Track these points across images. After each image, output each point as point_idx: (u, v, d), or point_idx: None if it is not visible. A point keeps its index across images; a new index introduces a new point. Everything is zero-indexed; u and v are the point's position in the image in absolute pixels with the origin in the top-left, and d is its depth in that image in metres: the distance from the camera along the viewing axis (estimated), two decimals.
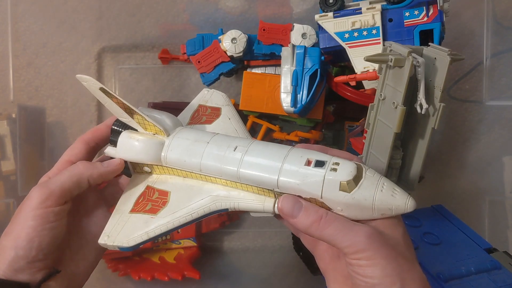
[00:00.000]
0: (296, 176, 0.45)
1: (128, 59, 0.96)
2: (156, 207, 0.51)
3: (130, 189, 0.54)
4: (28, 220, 0.49)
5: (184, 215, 0.49)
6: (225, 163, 0.49)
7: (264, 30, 0.80)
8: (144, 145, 0.53)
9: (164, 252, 0.86)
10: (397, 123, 0.62)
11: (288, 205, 0.46)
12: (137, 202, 0.52)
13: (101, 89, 0.51)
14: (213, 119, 0.60)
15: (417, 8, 0.72)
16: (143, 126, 0.53)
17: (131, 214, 0.51)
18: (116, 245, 0.49)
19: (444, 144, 0.89)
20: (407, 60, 0.59)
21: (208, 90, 0.64)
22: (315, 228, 0.44)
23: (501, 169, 0.86)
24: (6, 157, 0.86)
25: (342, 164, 0.44)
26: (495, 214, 0.86)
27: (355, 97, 0.76)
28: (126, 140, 0.54)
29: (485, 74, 0.84)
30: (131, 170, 0.56)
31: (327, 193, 0.44)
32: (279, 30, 0.80)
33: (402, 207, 0.43)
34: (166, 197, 0.52)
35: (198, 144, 0.51)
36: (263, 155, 0.48)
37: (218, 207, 0.49)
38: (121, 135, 0.54)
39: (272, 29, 0.80)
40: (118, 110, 0.53)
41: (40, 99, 0.95)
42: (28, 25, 0.94)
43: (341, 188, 0.43)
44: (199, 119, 0.60)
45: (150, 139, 0.53)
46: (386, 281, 0.41)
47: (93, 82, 0.51)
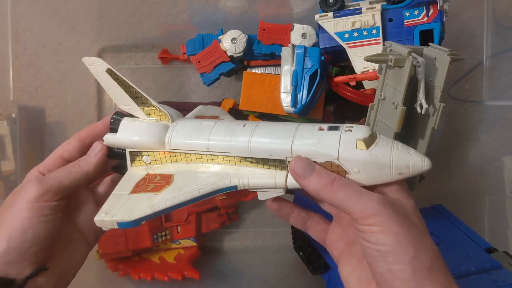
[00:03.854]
0: (312, 138, 0.45)
1: (128, 59, 0.96)
2: (159, 187, 0.49)
3: (127, 177, 0.52)
4: (24, 212, 0.49)
5: (191, 190, 0.47)
6: (235, 136, 0.48)
7: (264, 30, 0.80)
8: (149, 126, 0.51)
9: (164, 252, 0.86)
10: (397, 123, 0.62)
11: (301, 166, 0.45)
12: (137, 185, 0.50)
13: (108, 70, 0.50)
14: None
15: (417, 8, 0.72)
16: (146, 112, 0.52)
17: (132, 195, 0.49)
18: (115, 220, 0.46)
19: (444, 144, 0.89)
20: (407, 60, 0.59)
21: (203, 106, 0.63)
22: (327, 191, 0.44)
23: (501, 169, 0.86)
24: (6, 157, 0.86)
25: (355, 127, 0.45)
26: (495, 214, 0.86)
27: (355, 97, 0.76)
28: (129, 123, 0.53)
29: (485, 74, 0.84)
30: (129, 162, 0.54)
31: (344, 152, 0.43)
32: (279, 30, 0.80)
33: (419, 164, 0.43)
34: (170, 178, 0.50)
35: (205, 124, 0.50)
36: (274, 127, 0.48)
37: (227, 184, 0.48)
38: (124, 118, 0.53)
39: (272, 29, 0.80)
40: (123, 95, 0.52)
41: (40, 99, 0.95)
42: (28, 25, 0.94)
43: (358, 146, 0.43)
44: None
45: (154, 122, 0.52)
46: (399, 249, 0.40)
47: (100, 63, 0.50)
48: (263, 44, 0.81)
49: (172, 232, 0.86)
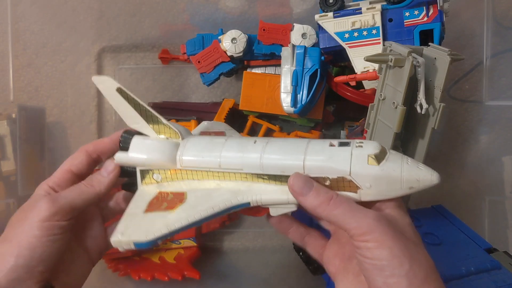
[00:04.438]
0: (323, 154, 0.45)
1: (128, 59, 0.96)
2: (173, 205, 0.49)
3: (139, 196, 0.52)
4: (34, 230, 0.49)
5: (205, 208, 0.47)
6: (247, 152, 0.48)
7: (264, 30, 0.80)
8: (159, 144, 0.51)
9: (164, 252, 0.86)
10: (397, 123, 0.62)
11: (299, 183, 0.46)
12: (151, 204, 0.50)
13: (118, 89, 0.50)
14: None
15: (417, 8, 0.72)
16: (156, 130, 0.52)
17: (146, 214, 0.49)
18: (132, 241, 0.46)
19: (444, 144, 0.89)
20: (407, 60, 0.59)
21: (208, 122, 0.63)
22: (324, 208, 0.44)
23: (501, 169, 0.86)
24: (6, 157, 0.86)
25: (366, 142, 0.45)
26: (495, 214, 0.85)
27: (355, 97, 0.76)
28: (140, 141, 0.52)
29: (485, 74, 0.84)
30: (139, 181, 0.53)
31: (356, 168, 0.44)
32: (279, 30, 0.80)
33: (428, 178, 0.44)
34: (182, 196, 0.50)
35: (216, 141, 0.50)
36: (285, 143, 0.48)
37: (240, 201, 0.48)
38: (134, 137, 0.53)
39: (272, 29, 0.80)
40: (133, 114, 0.51)
41: (40, 99, 0.95)
42: (28, 25, 0.94)
43: (370, 162, 0.44)
44: None
45: (165, 141, 0.52)
46: (394, 262, 0.41)
47: (110, 82, 0.50)
48: (263, 44, 0.81)
49: None
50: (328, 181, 0.46)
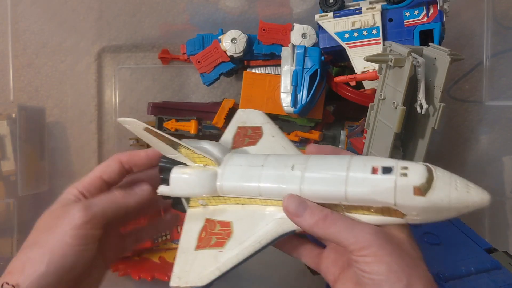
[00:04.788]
0: (365, 185, 0.43)
1: (128, 59, 0.96)
2: (222, 240, 0.49)
3: (188, 225, 0.52)
4: (67, 238, 0.48)
5: (253, 244, 0.47)
6: (285, 183, 0.47)
7: (264, 30, 0.80)
8: (198, 178, 0.51)
9: (164, 252, 0.86)
10: (397, 123, 0.62)
11: (294, 204, 0.45)
12: (200, 237, 0.50)
13: (145, 129, 0.50)
14: (257, 139, 0.57)
15: (417, 8, 0.72)
16: (192, 159, 0.52)
17: (197, 251, 0.49)
18: (189, 286, 0.47)
19: (444, 144, 0.89)
20: (407, 60, 0.59)
21: (243, 111, 0.62)
22: (320, 226, 0.44)
23: (501, 169, 0.85)
24: (6, 157, 0.86)
25: (411, 168, 0.42)
26: (495, 214, 0.85)
27: (355, 97, 0.76)
28: (178, 176, 0.52)
29: (485, 74, 0.84)
30: (185, 205, 0.54)
31: (401, 199, 0.42)
32: (279, 30, 0.80)
33: (478, 203, 0.41)
34: (229, 228, 0.50)
35: (253, 168, 0.49)
36: (324, 169, 0.46)
37: (285, 229, 0.47)
38: (172, 171, 0.52)
39: (272, 29, 0.80)
40: (165, 147, 0.51)
41: (40, 99, 0.95)
42: (28, 25, 0.94)
43: (416, 193, 0.41)
44: (242, 141, 0.58)
45: (203, 171, 0.51)
46: (392, 277, 0.41)
47: (137, 124, 0.50)
48: (263, 44, 0.81)
49: (172, 232, 0.86)
50: (372, 209, 0.44)
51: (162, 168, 0.53)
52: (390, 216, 0.44)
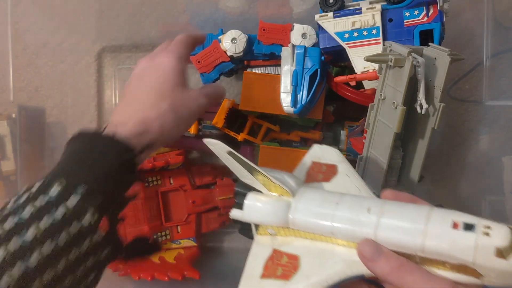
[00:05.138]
0: (444, 240, 0.41)
1: (128, 59, 0.96)
2: (288, 273, 0.48)
3: (255, 252, 0.52)
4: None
5: (320, 281, 0.46)
6: (360, 226, 0.46)
7: (264, 30, 0.80)
8: (272, 207, 0.51)
9: (164, 252, 0.86)
10: (397, 123, 0.62)
11: (369, 249, 0.44)
12: (266, 266, 0.50)
13: (228, 152, 0.51)
14: (330, 177, 0.57)
15: (417, 8, 0.72)
16: (267, 187, 0.52)
17: (263, 280, 0.49)
18: None
19: (444, 144, 0.89)
20: (407, 60, 0.59)
21: (319, 146, 0.61)
22: (396, 275, 0.42)
23: (501, 169, 0.85)
24: (6, 157, 0.86)
25: (494, 228, 0.40)
26: (495, 214, 0.85)
27: (355, 97, 0.76)
28: (252, 203, 0.53)
29: (485, 74, 0.84)
30: (254, 232, 0.54)
31: (481, 259, 0.40)
32: (279, 30, 0.80)
33: None
34: (296, 261, 0.49)
35: (327, 205, 0.48)
36: (401, 216, 0.44)
37: (355, 272, 0.46)
38: (247, 197, 0.53)
39: (272, 29, 0.80)
40: (243, 172, 0.52)
41: (40, 99, 0.95)
42: (28, 25, 0.94)
43: (497, 255, 0.39)
44: (316, 176, 0.57)
45: (277, 201, 0.51)
46: None
47: (222, 146, 0.51)
48: (263, 44, 0.81)
49: (172, 232, 0.86)
50: (447, 264, 0.43)
51: (237, 192, 0.54)
52: (465, 275, 0.42)
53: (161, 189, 0.86)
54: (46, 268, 0.44)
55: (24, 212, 0.46)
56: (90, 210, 0.48)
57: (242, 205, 0.53)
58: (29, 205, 0.46)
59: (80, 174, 0.50)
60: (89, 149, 0.53)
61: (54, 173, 0.50)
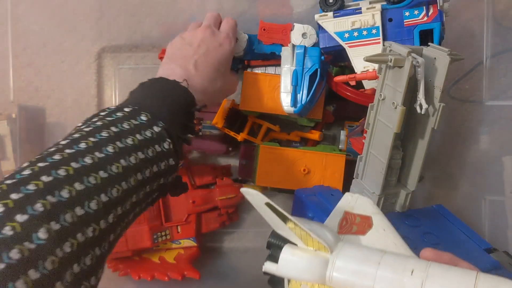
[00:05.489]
0: None
1: (128, 59, 0.96)
2: None
3: None
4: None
5: None
6: None
7: (264, 30, 0.80)
8: (309, 263, 0.49)
9: (164, 252, 0.86)
10: (397, 123, 0.62)
11: None
12: None
13: (266, 204, 0.48)
14: (365, 230, 0.54)
15: (417, 8, 0.72)
16: (304, 240, 0.50)
17: None
18: None
19: (444, 144, 0.89)
20: (406, 60, 0.59)
21: (352, 196, 0.58)
22: None
23: (501, 169, 0.85)
24: (6, 157, 0.86)
25: None
26: (495, 214, 0.85)
27: (355, 97, 0.76)
28: (288, 258, 0.50)
29: (485, 74, 0.84)
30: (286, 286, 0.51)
31: None
32: (279, 30, 0.80)
33: None
34: None
35: (368, 264, 0.46)
36: (447, 282, 0.43)
37: None
38: (283, 251, 0.50)
39: (272, 29, 0.80)
40: (279, 224, 0.50)
41: (40, 99, 0.95)
42: (28, 25, 0.94)
43: None
44: (350, 228, 0.55)
45: (314, 257, 0.49)
46: None
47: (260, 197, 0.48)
48: (264, 44, 0.81)
49: (172, 232, 0.86)
50: None
51: (271, 244, 0.52)
52: None
53: None
54: (140, 170, 0.53)
55: (118, 127, 0.54)
56: (168, 140, 0.57)
57: (276, 258, 0.50)
58: (123, 123, 0.54)
59: (161, 112, 0.59)
60: (169, 92, 0.63)
61: (140, 106, 0.58)
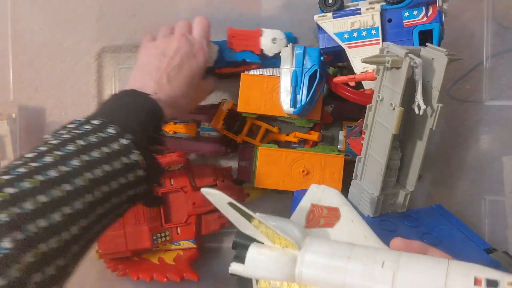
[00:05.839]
0: None
1: (128, 59, 0.96)
2: None
3: None
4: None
5: None
6: (375, 282, 0.43)
7: (233, 37, 0.80)
8: (276, 261, 0.47)
9: (163, 253, 0.86)
10: (395, 124, 0.62)
11: None
12: None
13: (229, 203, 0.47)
14: (333, 222, 0.54)
15: (416, 9, 0.72)
16: (271, 238, 0.48)
17: None
18: None
19: (444, 144, 0.89)
20: (404, 61, 0.59)
21: (318, 187, 0.58)
22: None
23: (501, 169, 0.85)
24: (6, 157, 0.87)
25: None
26: (494, 214, 0.85)
27: (355, 97, 0.76)
28: (255, 257, 0.48)
29: (485, 74, 0.84)
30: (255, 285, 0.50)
31: None
32: (248, 36, 0.80)
33: None
34: None
35: (337, 259, 0.45)
36: (419, 272, 0.42)
37: None
38: (249, 250, 0.49)
39: (242, 35, 0.80)
40: (245, 223, 0.48)
41: (40, 99, 0.95)
42: (28, 25, 0.94)
43: None
44: (317, 221, 0.54)
45: (282, 255, 0.47)
46: None
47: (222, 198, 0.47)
48: (234, 51, 0.80)
49: (171, 233, 0.86)
50: None
51: (237, 244, 0.51)
52: None
53: (162, 190, 0.86)
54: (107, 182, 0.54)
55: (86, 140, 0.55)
56: (136, 152, 0.58)
57: (243, 258, 0.49)
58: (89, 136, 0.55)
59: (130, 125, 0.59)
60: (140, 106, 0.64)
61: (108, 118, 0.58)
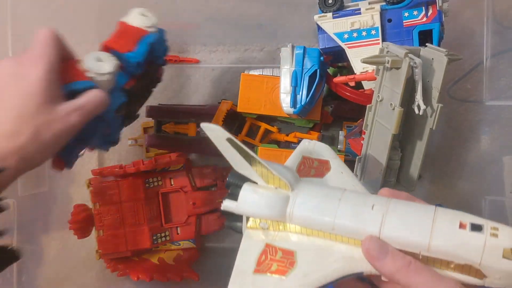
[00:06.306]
0: (451, 239, 0.41)
1: None
2: (284, 268, 0.46)
3: (246, 246, 0.49)
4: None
5: (318, 278, 0.44)
6: (365, 223, 0.44)
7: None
8: (269, 199, 0.48)
9: (164, 253, 0.86)
10: (395, 125, 0.62)
11: (375, 247, 0.43)
12: (259, 261, 0.47)
13: (228, 139, 0.48)
14: (324, 173, 0.55)
15: (416, 9, 0.72)
16: (265, 179, 0.49)
17: (256, 275, 0.46)
18: None
19: (444, 144, 0.89)
20: (404, 62, 0.59)
21: (309, 142, 0.59)
22: (403, 274, 0.41)
23: (501, 169, 0.85)
24: None
25: (502, 229, 0.40)
26: (495, 214, 0.85)
27: (355, 97, 0.76)
28: (249, 194, 0.49)
29: (485, 74, 0.84)
30: (245, 225, 0.51)
31: (487, 260, 0.40)
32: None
33: None
34: (292, 257, 0.47)
35: (329, 200, 0.47)
36: (407, 215, 0.44)
37: (354, 270, 0.45)
38: (243, 187, 0.50)
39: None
40: (241, 162, 0.49)
41: None
42: (28, 25, 0.94)
43: (505, 255, 0.39)
44: (308, 172, 0.55)
45: (275, 194, 0.49)
46: None
47: (221, 132, 0.48)
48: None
49: (171, 233, 0.86)
50: (452, 265, 0.42)
51: (230, 183, 0.51)
52: (468, 275, 0.42)
53: (162, 190, 0.86)
54: None
55: None
56: None
57: (236, 196, 0.50)
58: None
59: None
60: None
61: None
